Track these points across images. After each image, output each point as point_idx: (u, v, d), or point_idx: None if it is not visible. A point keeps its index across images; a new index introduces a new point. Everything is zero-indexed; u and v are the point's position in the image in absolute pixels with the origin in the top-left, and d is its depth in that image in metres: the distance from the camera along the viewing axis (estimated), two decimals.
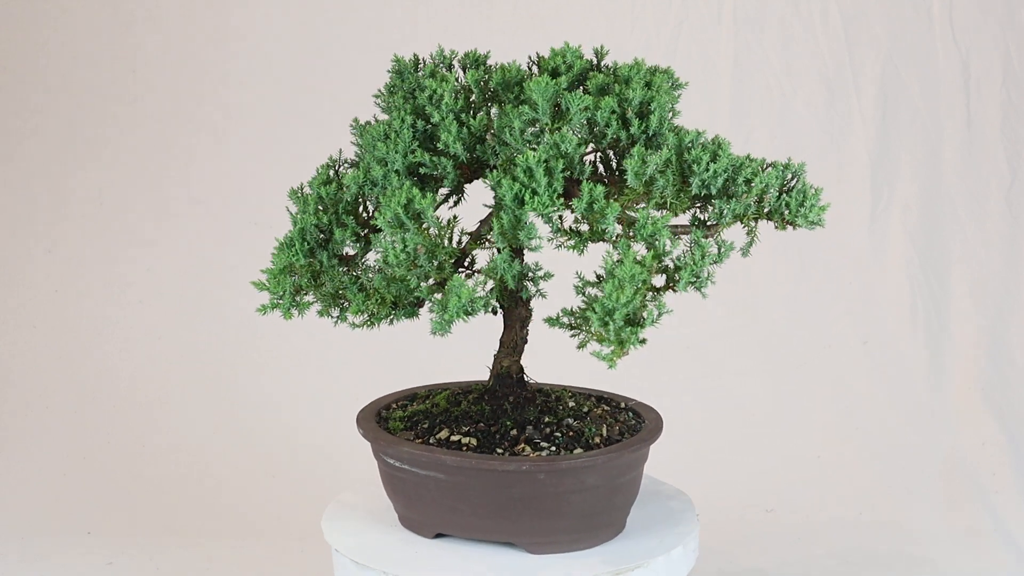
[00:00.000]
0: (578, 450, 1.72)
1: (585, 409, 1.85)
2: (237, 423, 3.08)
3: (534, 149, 1.62)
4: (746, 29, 3.26)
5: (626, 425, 1.84)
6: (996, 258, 3.17)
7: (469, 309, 1.56)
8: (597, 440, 1.75)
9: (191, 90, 3.34)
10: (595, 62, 1.78)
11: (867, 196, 3.23)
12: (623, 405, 1.93)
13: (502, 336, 1.85)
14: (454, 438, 1.76)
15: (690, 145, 1.61)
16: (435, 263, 1.59)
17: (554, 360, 2.39)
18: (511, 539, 1.74)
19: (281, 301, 1.68)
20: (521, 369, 1.86)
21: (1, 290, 3.32)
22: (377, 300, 1.63)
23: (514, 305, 1.82)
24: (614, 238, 1.58)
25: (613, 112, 1.64)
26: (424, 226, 1.58)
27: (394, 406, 1.92)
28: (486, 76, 1.74)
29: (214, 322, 3.25)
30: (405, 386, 2.04)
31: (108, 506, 2.83)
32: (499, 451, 1.72)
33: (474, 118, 1.68)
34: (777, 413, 3.05)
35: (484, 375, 1.91)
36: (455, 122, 1.67)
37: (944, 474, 2.88)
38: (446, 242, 1.62)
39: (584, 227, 1.61)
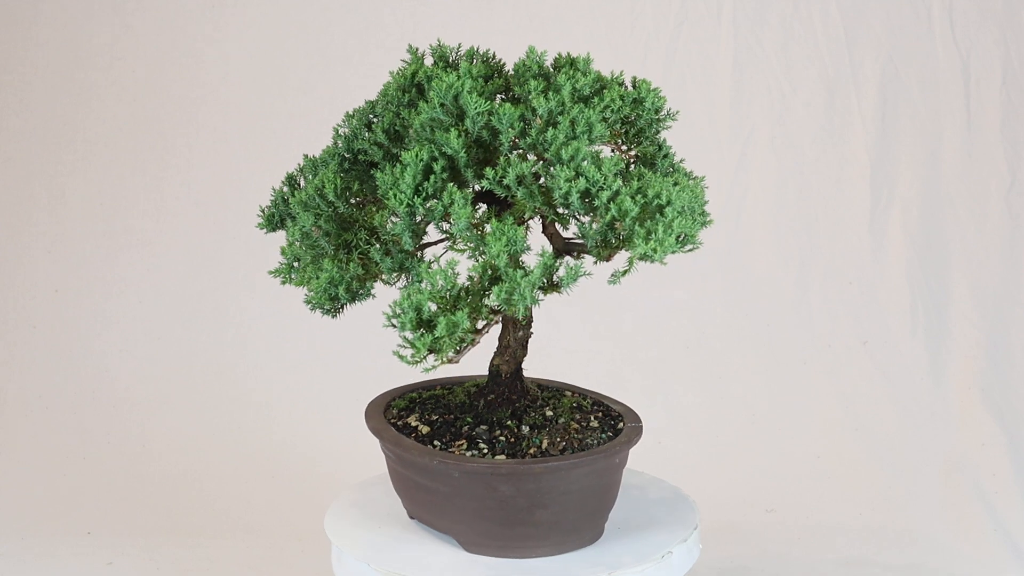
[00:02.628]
0: (500, 456, 1.74)
1: (561, 419, 1.83)
2: (237, 423, 3.08)
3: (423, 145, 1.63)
4: (746, 29, 3.26)
5: (588, 437, 1.80)
6: (996, 258, 3.17)
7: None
8: (532, 451, 1.75)
9: (191, 90, 3.34)
10: (536, 69, 1.75)
11: (867, 196, 3.24)
12: (615, 412, 1.89)
13: (500, 335, 1.87)
14: (414, 423, 1.83)
15: (568, 158, 1.57)
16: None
17: (574, 359, 2.40)
18: (447, 532, 1.80)
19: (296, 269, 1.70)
20: (514, 369, 1.86)
21: (1, 290, 3.32)
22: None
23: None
24: (472, 244, 1.58)
25: (520, 118, 1.62)
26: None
27: (413, 394, 1.97)
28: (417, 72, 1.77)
29: (214, 322, 3.25)
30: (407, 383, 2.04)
31: (108, 506, 2.82)
32: (435, 443, 1.77)
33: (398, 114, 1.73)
34: (777, 413, 3.05)
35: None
36: (389, 114, 1.73)
37: (944, 474, 2.88)
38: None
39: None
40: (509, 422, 1.81)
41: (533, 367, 1.98)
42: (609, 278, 1.60)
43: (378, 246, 1.66)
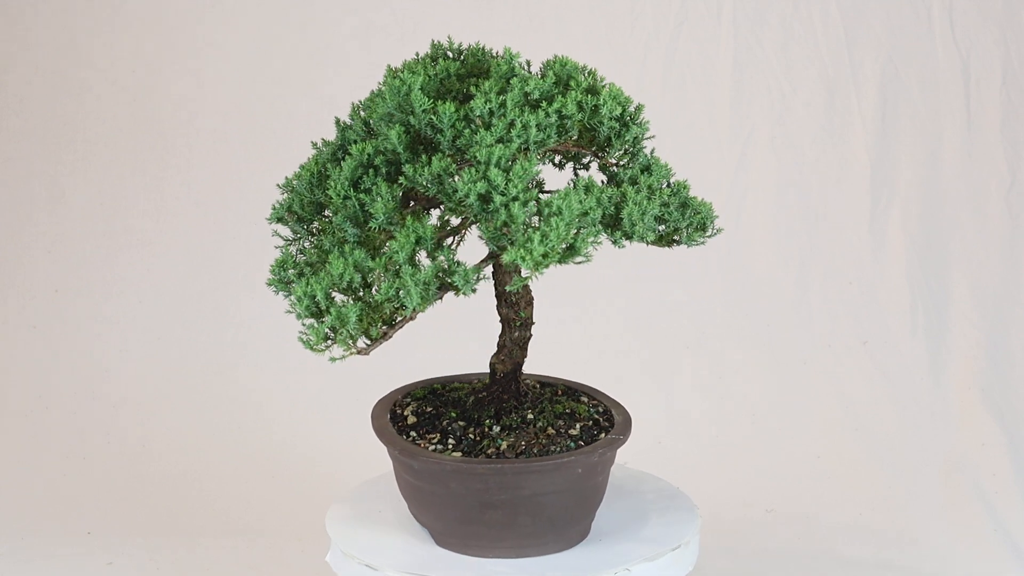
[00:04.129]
0: (456, 453, 1.76)
1: (539, 423, 1.82)
2: (237, 423, 3.08)
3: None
4: (746, 29, 3.26)
5: (555, 444, 1.79)
6: (996, 258, 3.17)
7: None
8: (491, 451, 1.76)
9: (191, 90, 3.34)
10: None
11: (867, 196, 3.23)
12: (604, 424, 1.86)
13: (499, 335, 1.88)
14: (407, 413, 1.88)
15: (483, 160, 1.57)
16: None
17: (574, 359, 2.39)
18: (424, 525, 1.83)
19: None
20: (510, 369, 1.87)
21: (1, 290, 3.32)
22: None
23: (500, 304, 1.84)
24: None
25: (464, 118, 1.64)
26: None
27: (437, 385, 1.99)
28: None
29: (214, 322, 3.25)
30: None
31: (108, 506, 2.82)
32: (410, 434, 1.81)
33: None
34: (777, 413, 3.05)
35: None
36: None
37: (944, 474, 2.88)
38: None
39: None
40: (487, 421, 1.82)
41: (534, 367, 1.98)
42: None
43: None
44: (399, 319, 1.60)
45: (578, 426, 1.82)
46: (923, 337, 3.13)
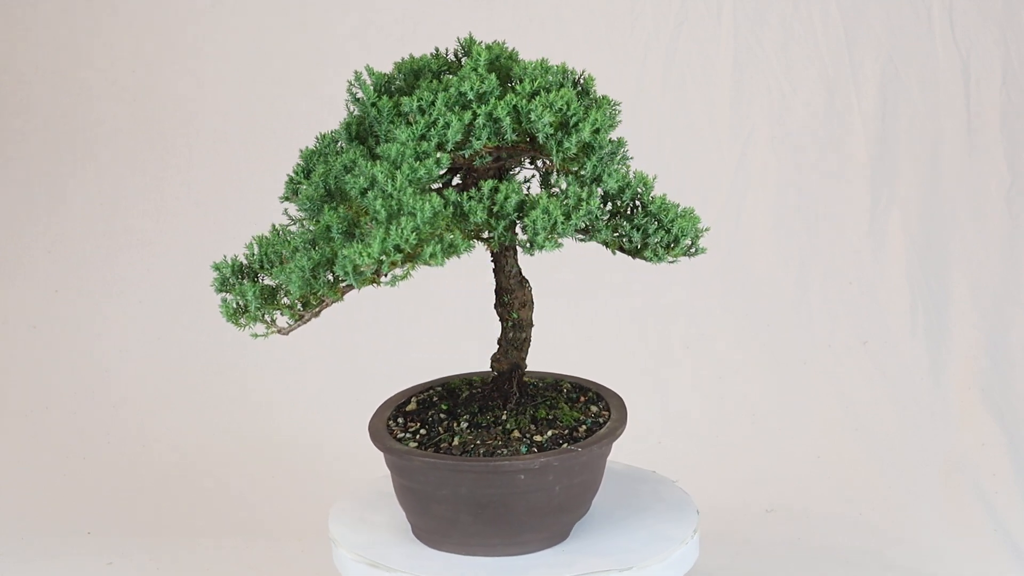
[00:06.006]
0: (412, 444, 1.79)
1: (508, 424, 1.82)
2: (237, 423, 3.08)
3: None
4: (746, 29, 3.26)
5: (508, 447, 1.78)
6: (996, 258, 3.17)
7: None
8: (443, 446, 1.78)
9: (191, 90, 3.34)
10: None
11: (867, 196, 3.23)
12: (579, 435, 1.82)
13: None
14: (411, 404, 1.92)
15: (385, 155, 1.61)
16: None
17: (574, 359, 2.39)
18: (407, 519, 1.85)
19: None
20: (505, 369, 1.87)
21: (1, 290, 3.32)
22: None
23: (496, 303, 1.85)
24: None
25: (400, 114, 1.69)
26: None
27: (456, 380, 2.01)
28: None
29: (214, 322, 3.24)
30: (408, 385, 2.05)
31: (108, 506, 2.82)
32: (396, 422, 1.84)
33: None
34: (777, 413, 3.05)
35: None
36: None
37: (944, 474, 2.88)
38: None
39: None
40: (465, 417, 1.83)
41: (535, 367, 1.98)
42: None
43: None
44: (313, 306, 1.62)
45: (550, 432, 1.79)
46: (923, 337, 3.13)
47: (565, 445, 1.76)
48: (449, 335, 3.17)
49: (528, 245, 1.61)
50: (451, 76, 1.70)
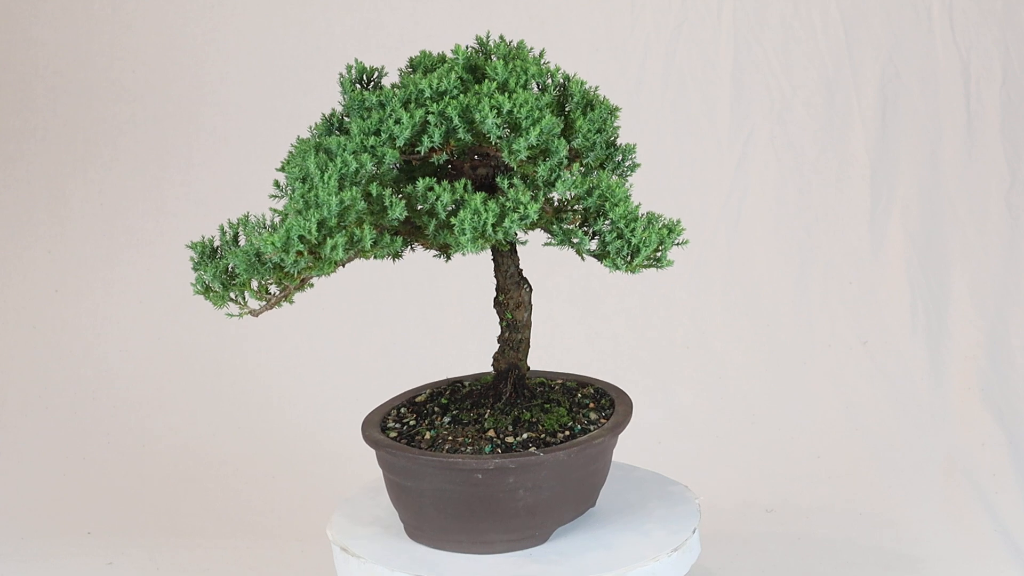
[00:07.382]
0: (393, 435, 1.82)
1: (487, 423, 1.81)
2: (237, 423, 3.08)
3: None
4: (746, 29, 3.26)
5: (486, 447, 1.78)
6: (996, 258, 3.17)
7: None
8: (417, 439, 1.80)
9: (191, 90, 3.34)
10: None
11: (867, 196, 3.23)
12: (560, 440, 1.81)
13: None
14: (424, 401, 1.94)
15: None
16: None
17: (573, 359, 2.40)
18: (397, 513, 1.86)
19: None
20: (504, 369, 1.87)
21: (1, 290, 3.32)
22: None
23: (494, 303, 1.86)
24: None
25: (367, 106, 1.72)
26: None
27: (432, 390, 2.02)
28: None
29: (214, 321, 3.25)
30: (410, 385, 2.05)
31: (108, 506, 2.82)
32: (390, 413, 1.87)
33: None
34: (778, 412, 3.05)
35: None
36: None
37: (944, 474, 2.88)
38: None
39: None
40: (452, 413, 1.84)
41: (535, 366, 1.98)
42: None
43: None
44: (290, 289, 1.63)
45: (525, 435, 1.78)
46: (923, 337, 3.13)
47: (532, 448, 1.75)
48: (453, 335, 3.17)
49: (456, 245, 1.62)
50: (419, 75, 1.71)
